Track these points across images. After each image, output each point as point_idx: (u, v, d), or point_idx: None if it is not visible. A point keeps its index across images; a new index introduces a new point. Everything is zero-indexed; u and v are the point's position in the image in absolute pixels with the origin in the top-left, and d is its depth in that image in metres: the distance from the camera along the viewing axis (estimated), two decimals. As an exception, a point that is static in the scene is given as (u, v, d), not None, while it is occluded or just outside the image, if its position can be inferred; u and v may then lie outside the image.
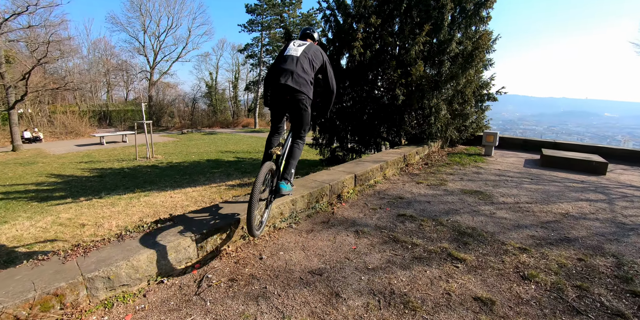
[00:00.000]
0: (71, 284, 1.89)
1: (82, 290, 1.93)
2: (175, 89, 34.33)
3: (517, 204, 3.90)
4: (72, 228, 4.27)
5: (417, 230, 3.06)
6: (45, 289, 1.81)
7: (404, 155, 5.82)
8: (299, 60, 2.63)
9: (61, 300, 1.87)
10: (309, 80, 2.62)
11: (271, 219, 3.02)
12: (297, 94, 2.55)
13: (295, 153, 2.73)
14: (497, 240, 2.87)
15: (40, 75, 19.25)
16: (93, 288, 1.97)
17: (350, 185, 4.21)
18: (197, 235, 2.42)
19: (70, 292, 1.89)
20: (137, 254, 2.15)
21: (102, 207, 5.35)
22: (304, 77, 2.58)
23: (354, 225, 3.20)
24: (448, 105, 7.01)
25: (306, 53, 2.71)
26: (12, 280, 1.92)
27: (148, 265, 2.18)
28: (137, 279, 2.14)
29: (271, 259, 2.51)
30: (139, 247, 2.23)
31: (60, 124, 20.60)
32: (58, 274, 1.98)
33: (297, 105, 2.60)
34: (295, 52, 2.69)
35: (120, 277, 2.06)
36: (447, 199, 4.07)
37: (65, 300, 1.88)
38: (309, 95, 2.62)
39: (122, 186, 7.93)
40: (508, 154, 7.70)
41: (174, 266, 2.32)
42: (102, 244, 2.34)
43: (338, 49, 7.53)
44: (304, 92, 2.56)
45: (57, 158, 13.36)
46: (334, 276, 2.27)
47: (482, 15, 6.81)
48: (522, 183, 4.95)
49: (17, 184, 8.81)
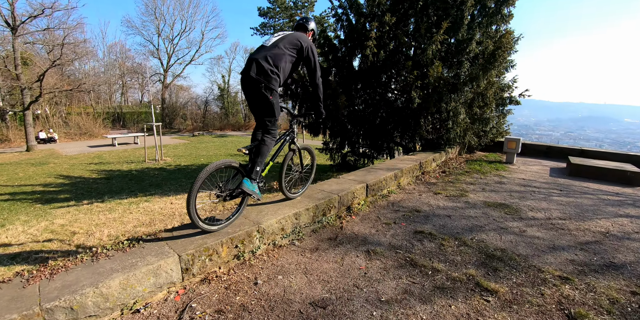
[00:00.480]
0: (25, 316, 1.58)
1: (39, 323, 1.62)
2: (188, 91, 34.61)
3: (549, 220, 3.45)
4: (63, 236, 4.03)
5: (438, 251, 2.66)
6: (-8, 322, 1.51)
7: (420, 162, 5.41)
8: (266, 49, 2.52)
9: (13, 335, 1.56)
10: (275, 67, 2.47)
11: (271, 235, 2.67)
12: (256, 82, 2.41)
13: (261, 150, 2.51)
14: (532, 266, 2.44)
15: (56, 78, 19.58)
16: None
17: (362, 196, 3.83)
18: (182, 255, 2.09)
19: (24, 325, 1.58)
20: (108, 278, 1.83)
21: (99, 212, 5.12)
22: (267, 64, 2.42)
23: (365, 243, 2.82)
24: (467, 108, 6.56)
25: (279, 41, 2.58)
26: (-41, 308, 1.63)
27: (120, 293, 1.86)
28: (107, 308, 1.82)
29: (267, 285, 2.16)
30: (112, 270, 1.91)
31: (75, 125, 20.87)
32: (14, 301, 1.67)
33: (257, 93, 2.46)
34: (267, 42, 2.60)
35: (86, 307, 1.74)
36: (469, 212, 3.64)
37: (18, 336, 1.57)
38: (269, 82, 2.42)
39: (127, 189, 7.74)
40: (530, 161, 7.18)
41: (152, 292, 1.99)
42: (73, 264, 2.03)
43: (350, 50, 7.19)
44: (262, 79, 2.41)
45: (68, 159, 13.39)
46: (340, 310, 1.90)
47: (504, 13, 6.37)
48: (551, 195, 4.48)
49: (26, 184, 8.75)
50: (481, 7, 6.38)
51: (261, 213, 2.80)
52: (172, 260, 2.05)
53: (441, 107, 6.17)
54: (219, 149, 15.65)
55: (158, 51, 30.97)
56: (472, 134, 7.05)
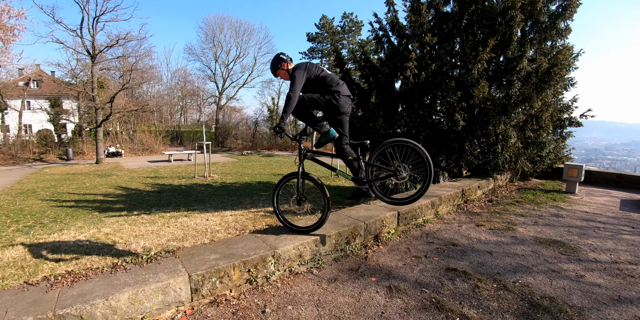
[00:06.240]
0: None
1: (49, 328, 1.67)
2: (240, 112, 36.86)
3: (615, 264, 2.89)
4: (102, 244, 4.33)
5: (471, 294, 2.33)
6: (8, 324, 1.59)
7: (463, 189, 5.00)
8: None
9: (24, 339, 1.62)
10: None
11: (287, 262, 2.56)
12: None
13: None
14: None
15: (126, 99, 22.13)
16: (62, 328, 1.70)
17: (392, 224, 3.59)
18: (192, 275, 2.07)
19: (35, 330, 1.64)
20: (118, 292, 1.86)
21: (142, 224, 5.44)
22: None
23: (389, 277, 2.57)
24: (519, 131, 6.02)
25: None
26: (-11, 304, 1.75)
27: (129, 307, 1.87)
28: (114, 323, 1.83)
29: (275, 314, 2.04)
30: (124, 284, 1.95)
31: (139, 141, 23.14)
32: (33, 305, 1.77)
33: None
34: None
35: (94, 318, 1.77)
36: (515, 249, 3.21)
37: (28, 340, 1.63)
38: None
39: (173, 203, 8.19)
40: (597, 191, 6.28)
41: (160, 309, 1.98)
42: (94, 274, 2.11)
43: (391, 71, 7.11)
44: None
45: (129, 172, 14.72)
46: (346, 353, 1.70)
47: (560, 27, 5.88)
48: (619, 233, 3.80)
49: (90, 193, 9.73)
50: (533, 22, 5.98)
51: (279, 238, 2.72)
52: (182, 279, 2.04)
53: (489, 130, 5.73)
54: (264, 168, 16.11)
55: (214, 75, 33.76)
56: (525, 160, 6.41)
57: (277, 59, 3.02)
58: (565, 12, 5.76)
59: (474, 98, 5.64)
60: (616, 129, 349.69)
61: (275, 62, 3.03)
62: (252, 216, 5.92)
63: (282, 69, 3.01)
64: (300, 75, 2.79)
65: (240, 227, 4.82)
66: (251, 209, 6.83)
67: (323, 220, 2.75)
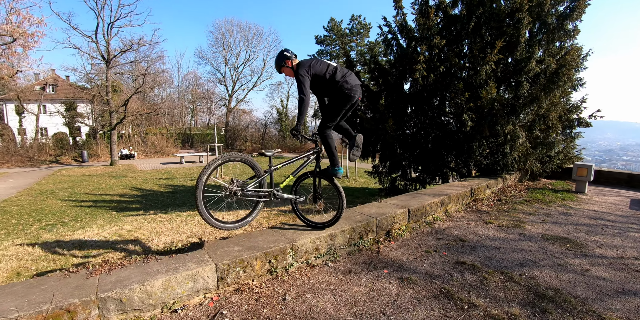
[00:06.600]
0: (84, 302, 1.84)
1: (94, 309, 1.86)
2: (250, 115, 37.32)
3: (620, 260, 2.97)
4: (127, 239, 4.56)
5: (479, 284, 2.45)
6: (59, 303, 1.79)
7: (471, 188, 5.10)
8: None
9: (72, 317, 1.82)
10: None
11: (304, 254, 2.72)
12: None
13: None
14: (590, 310, 2.12)
15: (138, 103, 22.67)
16: (105, 309, 1.89)
17: (403, 221, 3.72)
18: (219, 265, 2.25)
19: (82, 309, 1.83)
20: (153, 278, 2.04)
21: (161, 222, 5.67)
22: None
23: (400, 270, 2.71)
24: (527, 132, 6.09)
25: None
26: (38, 289, 1.95)
27: (162, 292, 2.05)
28: (149, 305, 2.01)
29: (295, 302, 2.20)
30: (157, 271, 2.13)
31: (151, 143, 23.64)
32: (77, 289, 1.96)
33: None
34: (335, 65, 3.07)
35: (132, 301, 1.96)
36: (522, 245, 3.31)
37: (76, 318, 1.83)
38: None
39: (187, 203, 8.42)
40: (607, 191, 6.30)
41: (190, 295, 2.15)
42: (128, 263, 2.30)
43: (401, 73, 7.24)
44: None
45: (142, 173, 15.09)
46: (362, 335, 1.85)
47: (568, 28, 5.94)
48: (627, 230, 3.86)
49: (106, 193, 10.05)
50: (541, 23, 6.05)
51: (297, 232, 2.89)
52: (209, 268, 2.21)
53: (497, 130, 5.82)
54: (273, 169, 16.31)
55: (224, 79, 34.25)
56: (534, 160, 6.46)
57: (281, 56, 2.97)
58: (573, 13, 5.82)
59: (482, 99, 5.73)
60: (631, 129, 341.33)
61: (279, 59, 2.98)
62: (266, 215, 6.10)
63: (286, 66, 2.97)
64: (305, 75, 2.76)
65: (255, 225, 5.01)
66: (264, 208, 7.01)
67: (338, 217, 2.91)
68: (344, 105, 2.93)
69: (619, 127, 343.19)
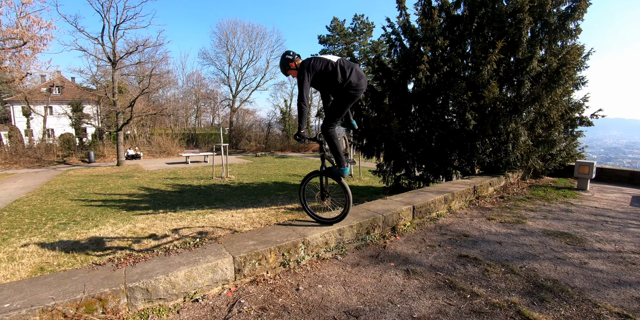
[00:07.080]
0: (114, 291, 2.00)
1: (122, 298, 2.02)
2: (253, 115, 37.57)
3: (618, 253, 3.09)
4: (143, 235, 4.73)
5: (481, 276, 2.59)
6: (91, 292, 1.94)
7: (474, 186, 5.22)
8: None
9: (104, 304, 1.97)
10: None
11: (315, 248, 2.87)
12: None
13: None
14: (586, 299, 2.25)
15: (144, 103, 22.93)
16: (132, 297, 2.05)
17: (407, 218, 3.86)
18: (236, 257, 2.39)
19: (112, 298, 1.99)
20: (176, 270, 2.19)
21: (172, 220, 5.85)
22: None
23: (406, 262, 2.85)
24: (529, 130, 6.19)
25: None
26: (69, 280, 2.11)
27: (185, 282, 2.20)
28: (173, 294, 2.17)
29: (308, 291, 2.34)
30: (179, 264, 2.28)
31: (156, 144, 23.91)
32: (106, 280, 2.11)
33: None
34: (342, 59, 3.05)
35: (157, 291, 2.11)
36: (523, 240, 3.43)
37: (107, 305, 1.98)
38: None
39: (195, 202, 8.61)
40: (609, 188, 6.39)
41: (209, 286, 2.31)
42: (151, 256, 2.46)
43: (404, 73, 7.36)
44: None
45: (149, 173, 15.32)
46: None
47: (569, 28, 6.03)
48: (627, 226, 3.97)
49: (114, 193, 10.27)
50: (542, 23, 6.14)
51: (307, 227, 3.04)
52: (227, 260, 2.37)
53: (499, 128, 5.93)
54: (278, 169, 16.50)
55: (228, 79, 34.49)
56: (536, 158, 6.57)
57: (285, 60, 3.02)
58: (574, 13, 5.91)
59: (485, 98, 5.84)
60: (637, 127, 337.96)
61: (283, 64, 3.04)
62: (274, 213, 6.25)
63: (291, 69, 3.03)
64: (306, 78, 2.76)
65: (264, 222, 5.16)
66: (271, 207, 7.18)
67: (346, 213, 3.05)
68: (348, 103, 2.93)
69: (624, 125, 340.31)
